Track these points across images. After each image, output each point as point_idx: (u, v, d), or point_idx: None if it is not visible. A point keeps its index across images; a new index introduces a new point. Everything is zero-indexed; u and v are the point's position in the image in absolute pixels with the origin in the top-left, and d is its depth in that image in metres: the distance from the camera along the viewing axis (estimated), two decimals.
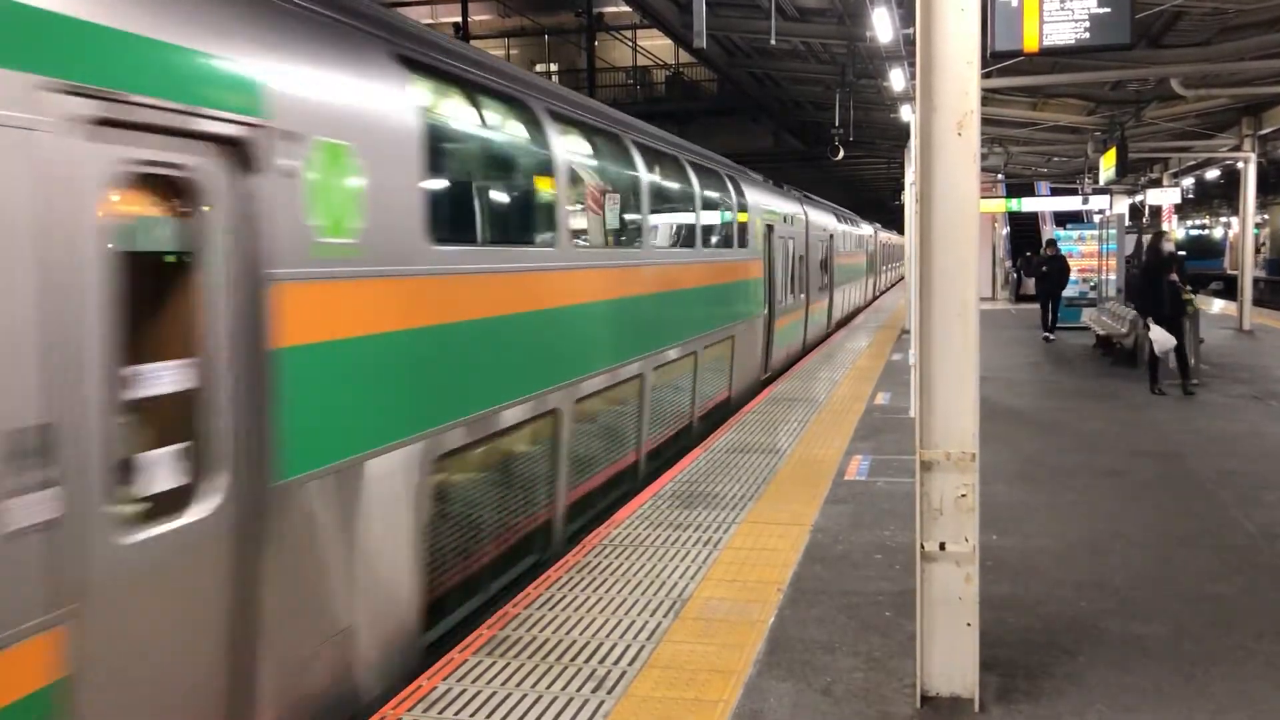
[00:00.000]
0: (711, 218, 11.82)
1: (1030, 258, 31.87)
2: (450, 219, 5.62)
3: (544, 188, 6.96)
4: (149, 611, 3.38)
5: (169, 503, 3.50)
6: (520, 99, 6.73)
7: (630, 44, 30.61)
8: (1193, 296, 12.80)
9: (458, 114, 6.21)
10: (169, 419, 3.54)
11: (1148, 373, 13.06)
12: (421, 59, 5.33)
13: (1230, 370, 14.45)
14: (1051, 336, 19.98)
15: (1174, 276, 12.45)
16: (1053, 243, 22.10)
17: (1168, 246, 13.07)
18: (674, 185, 10.46)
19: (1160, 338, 12.55)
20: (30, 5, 2.94)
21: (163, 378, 3.52)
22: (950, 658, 4.39)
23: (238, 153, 3.71)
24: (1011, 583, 5.95)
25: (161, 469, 3.52)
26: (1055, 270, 20.63)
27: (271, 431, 3.85)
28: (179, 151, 3.48)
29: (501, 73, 6.71)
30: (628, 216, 8.70)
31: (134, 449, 3.40)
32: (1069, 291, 21.60)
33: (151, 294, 3.55)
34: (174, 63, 3.45)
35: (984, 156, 21.71)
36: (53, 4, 3.01)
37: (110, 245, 3.21)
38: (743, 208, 13.13)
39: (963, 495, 4.35)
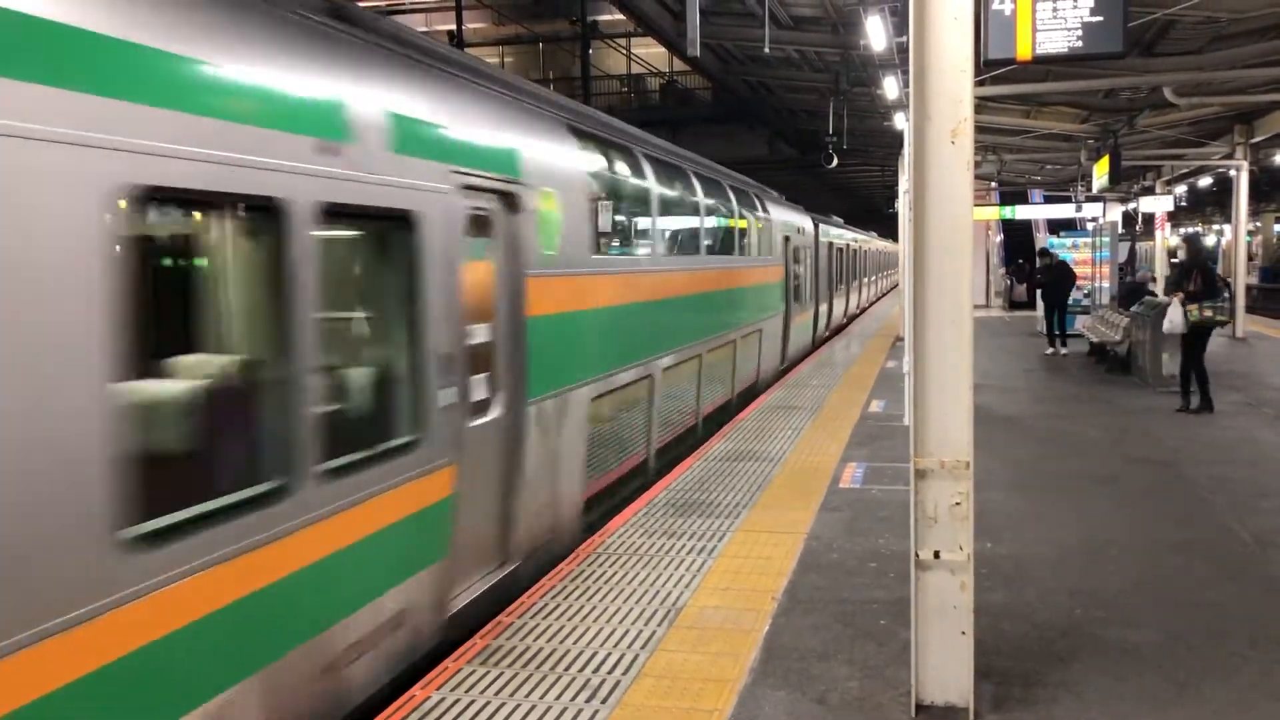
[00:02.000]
0: None
1: (1022, 265, 31.81)
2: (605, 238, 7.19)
3: None
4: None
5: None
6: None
7: (625, 52, 30.64)
8: (1195, 307, 12.11)
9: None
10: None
11: (1196, 389, 12.07)
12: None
13: (1225, 378, 14.45)
14: (1062, 350, 18.59)
15: (1181, 294, 11.87)
16: (1046, 251, 21.02)
17: (1180, 255, 12.48)
18: None
19: (1175, 318, 11.90)
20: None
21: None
22: (945, 666, 4.38)
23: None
24: (1006, 590, 5.94)
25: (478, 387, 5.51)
26: (1052, 280, 19.49)
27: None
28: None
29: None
30: None
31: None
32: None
33: None
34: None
35: (977, 164, 21.65)
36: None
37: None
38: None
39: (957, 503, 4.35)
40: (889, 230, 45.55)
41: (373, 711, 4.60)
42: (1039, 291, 21.00)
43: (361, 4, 8.36)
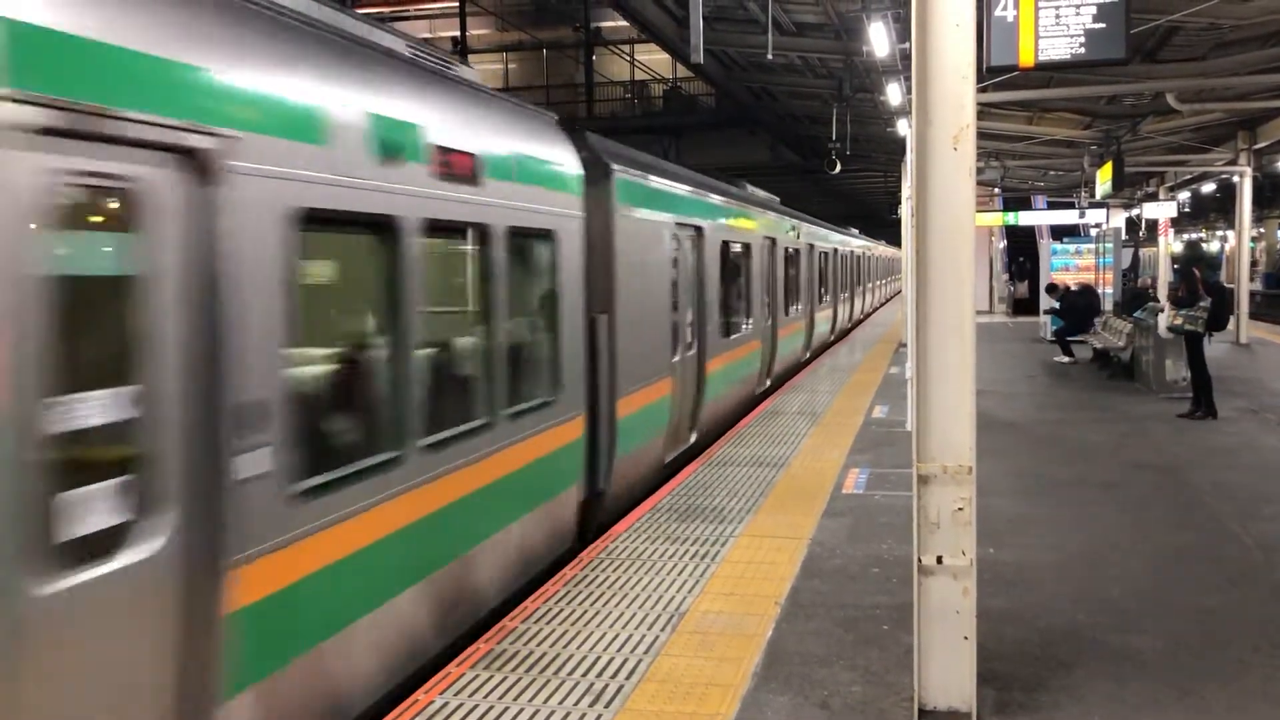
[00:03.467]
0: None
1: (1023, 262, 31.82)
2: None
3: None
4: None
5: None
6: None
7: (628, 58, 30.72)
8: (1174, 312, 12.25)
9: None
10: None
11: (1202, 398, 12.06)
12: None
13: (1227, 384, 14.44)
14: (1066, 359, 18.23)
15: (1166, 300, 12.18)
16: (1054, 286, 20.46)
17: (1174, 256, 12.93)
18: None
19: (1160, 322, 12.76)
20: None
21: None
22: (948, 671, 4.38)
23: None
24: (1008, 596, 5.95)
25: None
26: (1079, 305, 18.94)
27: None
28: None
29: None
30: None
31: None
32: (1049, 303, 20.33)
33: None
34: None
35: (980, 170, 21.52)
36: None
37: None
38: None
39: (960, 509, 4.35)
40: (890, 236, 45.43)
41: (377, 716, 4.61)
42: (1060, 314, 19.66)
43: (363, 10, 8.38)
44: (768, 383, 15.21)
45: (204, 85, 3.67)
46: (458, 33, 31.36)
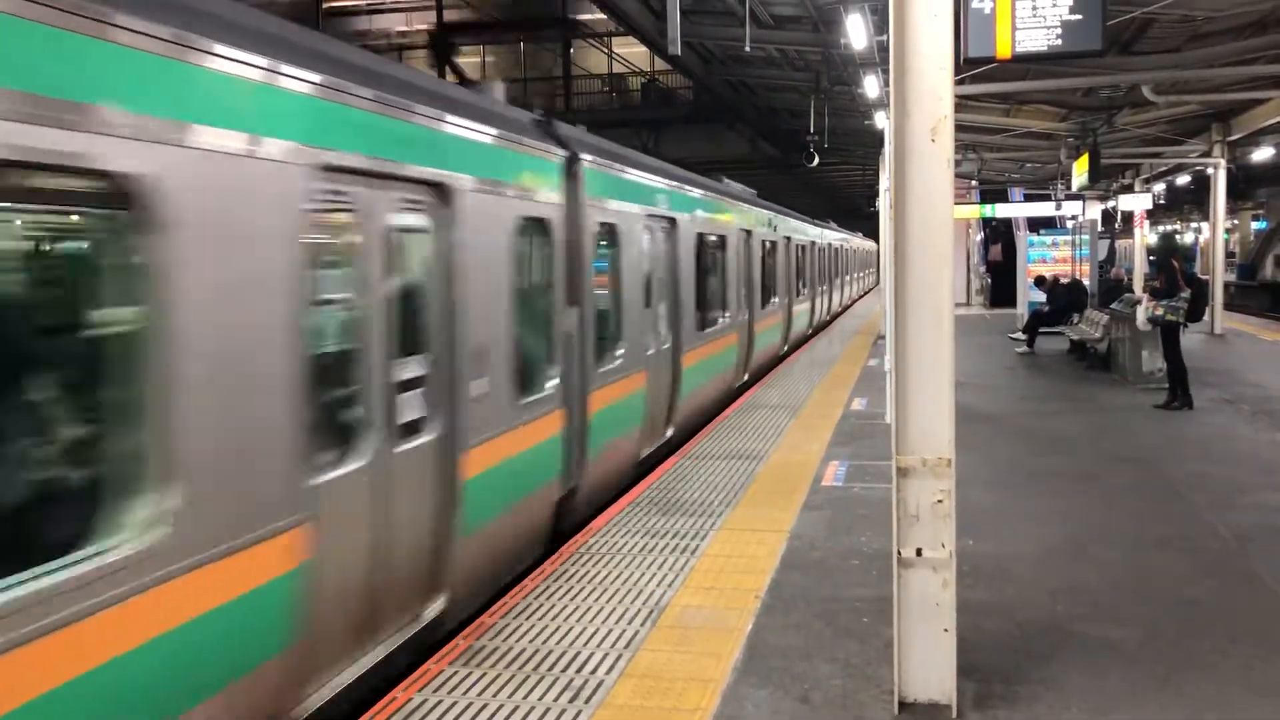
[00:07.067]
0: None
1: (996, 226, 32.06)
2: None
3: None
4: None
5: None
6: None
7: (606, 51, 30.59)
8: (1154, 304, 12.34)
9: None
10: None
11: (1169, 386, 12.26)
12: None
13: (1202, 375, 14.54)
14: (1027, 349, 18.71)
15: (1147, 291, 12.25)
16: (1041, 278, 20.82)
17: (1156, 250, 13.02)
18: None
19: (1139, 314, 12.90)
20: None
21: None
22: (927, 664, 4.39)
23: None
24: (988, 588, 5.96)
25: None
26: (1066, 302, 19.28)
27: None
28: None
29: None
30: None
31: None
32: (1038, 296, 20.74)
33: None
34: None
35: (958, 163, 21.60)
36: None
37: None
38: None
39: (939, 501, 4.35)
40: (868, 229, 45.49)
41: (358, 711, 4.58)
42: (1047, 304, 20.02)
43: (341, 3, 8.30)
44: (783, 346, 19.52)
45: None
46: (432, 27, 31.19)
